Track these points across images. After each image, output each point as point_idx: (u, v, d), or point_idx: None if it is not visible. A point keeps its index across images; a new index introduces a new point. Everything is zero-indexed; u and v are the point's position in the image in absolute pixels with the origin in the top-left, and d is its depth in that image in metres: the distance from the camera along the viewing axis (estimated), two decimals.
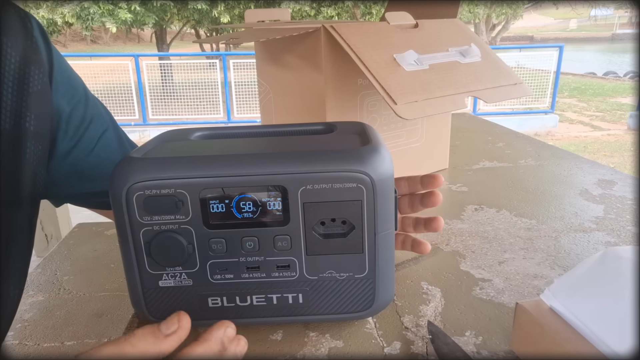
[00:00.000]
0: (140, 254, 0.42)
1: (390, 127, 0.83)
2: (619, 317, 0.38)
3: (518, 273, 0.57)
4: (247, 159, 0.41)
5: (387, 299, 0.46)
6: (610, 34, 29.42)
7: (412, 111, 0.65)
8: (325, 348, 0.45)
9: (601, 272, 0.41)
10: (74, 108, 0.49)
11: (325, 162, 0.40)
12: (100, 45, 19.29)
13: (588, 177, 0.89)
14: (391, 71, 0.68)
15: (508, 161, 0.99)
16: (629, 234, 0.66)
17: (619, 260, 0.40)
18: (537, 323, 0.40)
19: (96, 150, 0.52)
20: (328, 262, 0.43)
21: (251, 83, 6.62)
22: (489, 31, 11.51)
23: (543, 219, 0.71)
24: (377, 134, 0.47)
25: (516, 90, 0.80)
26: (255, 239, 0.42)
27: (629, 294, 0.39)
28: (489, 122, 1.36)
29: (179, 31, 11.41)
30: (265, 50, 0.85)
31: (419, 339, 0.46)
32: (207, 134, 0.51)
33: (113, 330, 0.49)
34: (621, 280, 0.40)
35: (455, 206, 0.77)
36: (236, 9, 7.76)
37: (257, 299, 0.44)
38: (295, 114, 0.82)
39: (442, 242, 0.65)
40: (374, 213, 0.41)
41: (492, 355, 0.43)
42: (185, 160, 0.41)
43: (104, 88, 6.77)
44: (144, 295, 0.44)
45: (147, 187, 0.40)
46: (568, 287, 0.41)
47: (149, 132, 6.31)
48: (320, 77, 0.73)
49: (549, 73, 6.77)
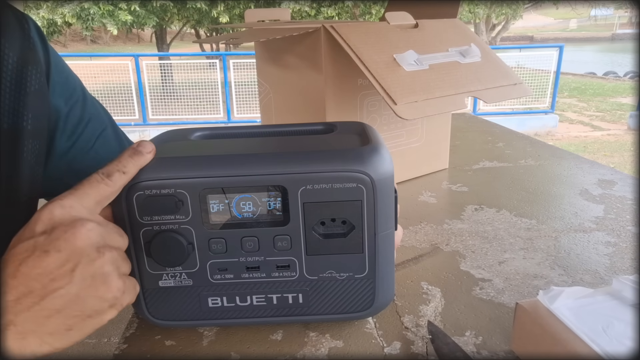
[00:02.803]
0: (140, 254, 0.42)
1: (390, 127, 0.83)
2: (617, 319, 0.38)
3: (518, 273, 0.57)
4: (247, 159, 0.41)
5: (387, 299, 0.46)
6: (610, 34, 29.42)
7: (412, 111, 0.65)
8: (325, 348, 0.45)
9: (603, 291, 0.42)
10: (71, 107, 0.50)
11: (325, 162, 0.40)
12: (100, 45, 19.29)
13: (588, 177, 0.89)
14: (391, 71, 0.68)
15: (508, 161, 0.99)
16: (629, 234, 0.66)
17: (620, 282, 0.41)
18: (537, 323, 0.40)
19: (94, 149, 0.52)
20: (328, 262, 0.43)
21: (251, 83, 6.61)
22: (489, 31, 11.51)
23: (543, 219, 0.71)
24: (377, 134, 0.47)
25: (516, 90, 0.80)
26: (255, 239, 0.42)
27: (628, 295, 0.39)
28: (489, 122, 1.36)
29: (179, 31, 11.41)
30: (265, 50, 0.85)
31: (419, 339, 0.46)
32: (207, 134, 0.51)
33: (113, 330, 0.49)
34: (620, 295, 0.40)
35: (455, 206, 0.77)
36: (236, 9, 7.74)
37: (257, 299, 0.44)
38: (295, 114, 0.82)
39: (442, 242, 0.65)
40: (374, 213, 0.41)
41: (492, 355, 0.43)
42: (185, 160, 0.41)
43: (104, 88, 6.76)
44: (144, 295, 0.44)
45: (147, 187, 0.40)
46: (565, 292, 0.41)
47: (149, 132, 6.30)
48: (320, 77, 0.73)
49: (549, 73, 6.77)
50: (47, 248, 0.32)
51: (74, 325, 0.34)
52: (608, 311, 0.39)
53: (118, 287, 0.35)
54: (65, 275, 0.33)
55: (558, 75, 6.71)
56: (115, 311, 0.36)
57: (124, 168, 0.38)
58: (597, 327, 0.37)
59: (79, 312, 0.34)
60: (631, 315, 0.38)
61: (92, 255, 0.34)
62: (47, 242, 0.33)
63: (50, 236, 0.33)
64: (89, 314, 0.34)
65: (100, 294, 0.34)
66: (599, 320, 0.38)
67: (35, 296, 0.32)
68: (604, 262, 0.59)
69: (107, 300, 0.35)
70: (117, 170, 0.38)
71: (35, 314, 0.32)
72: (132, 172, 0.39)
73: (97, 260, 0.34)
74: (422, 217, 0.73)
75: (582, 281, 0.55)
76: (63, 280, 0.33)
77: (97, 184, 0.37)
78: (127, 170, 0.38)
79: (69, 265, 0.33)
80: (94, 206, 0.37)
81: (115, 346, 0.46)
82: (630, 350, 0.35)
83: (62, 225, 0.33)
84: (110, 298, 0.35)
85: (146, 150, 0.40)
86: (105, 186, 0.37)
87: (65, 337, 0.34)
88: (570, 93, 9.29)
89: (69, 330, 0.34)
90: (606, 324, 0.37)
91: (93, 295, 0.34)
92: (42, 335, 0.33)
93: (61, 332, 0.33)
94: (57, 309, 0.33)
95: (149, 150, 0.40)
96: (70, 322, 0.33)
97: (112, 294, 0.35)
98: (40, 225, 0.34)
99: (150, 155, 0.40)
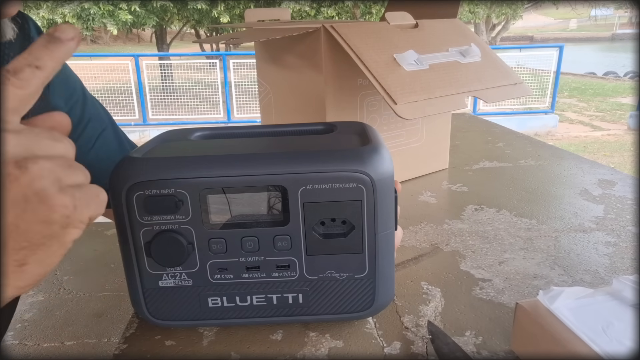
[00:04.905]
0: (140, 254, 0.42)
1: (390, 127, 0.83)
2: (617, 320, 0.38)
3: (518, 273, 0.57)
4: (247, 159, 0.41)
5: (387, 299, 0.46)
6: (610, 34, 29.43)
7: (412, 111, 0.65)
8: (325, 348, 0.45)
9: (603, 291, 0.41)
10: (71, 108, 0.50)
11: (325, 162, 0.40)
12: (100, 45, 19.29)
13: (588, 177, 0.89)
14: (391, 71, 0.68)
15: (508, 161, 0.99)
16: (629, 234, 0.66)
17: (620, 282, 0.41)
18: (537, 323, 0.40)
19: (94, 149, 0.52)
20: (328, 262, 0.43)
21: (251, 83, 6.61)
22: (489, 31, 11.51)
23: (543, 219, 0.71)
24: (377, 134, 0.47)
25: (516, 90, 0.80)
26: (255, 239, 0.42)
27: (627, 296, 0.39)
28: (489, 122, 1.36)
29: (179, 31, 11.41)
30: (265, 50, 0.85)
31: (419, 339, 0.46)
32: (207, 134, 0.51)
33: (113, 330, 0.49)
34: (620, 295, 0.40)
35: (455, 206, 0.77)
36: (236, 9, 7.74)
37: (257, 299, 0.44)
38: (295, 114, 0.82)
39: (442, 242, 0.65)
40: (374, 213, 0.41)
41: (492, 355, 0.43)
42: (185, 160, 0.41)
43: (104, 88, 6.76)
44: (144, 295, 0.44)
45: (147, 187, 0.40)
46: (565, 292, 0.41)
47: (149, 132, 6.30)
48: (320, 77, 0.73)
49: (549, 73, 6.77)
50: None
51: (26, 258, 0.28)
52: (608, 311, 0.39)
53: (63, 204, 0.28)
54: None
55: (558, 75, 6.72)
56: (75, 230, 0.29)
57: (37, 61, 0.29)
58: (597, 327, 0.37)
59: (26, 242, 0.28)
60: (631, 316, 0.38)
61: (14, 173, 0.27)
62: None
63: None
64: (39, 241, 0.28)
65: (41, 216, 0.28)
66: (598, 320, 0.38)
67: None
68: (604, 262, 0.59)
69: (56, 222, 0.28)
70: (28, 65, 0.29)
71: None
72: (50, 66, 0.30)
73: (22, 177, 0.27)
74: (422, 217, 0.73)
75: (582, 281, 0.55)
76: None
77: (4, 88, 0.28)
78: (42, 63, 0.29)
79: None
80: (10, 117, 0.28)
81: (115, 346, 0.46)
82: (630, 350, 0.35)
83: None
84: (58, 218, 0.28)
85: (66, 35, 0.29)
86: (14, 87, 0.28)
87: (24, 274, 0.28)
88: (570, 93, 9.29)
89: (24, 265, 0.28)
90: (606, 324, 0.37)
91: (33, 220, 0.27)
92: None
93: (16, 270, 0.28)
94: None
95: (70, 36, 0.30)
96: (19, 256, 0.28)
97: (57, 212, 0.28)
98: None
99: (73, 43, 0.30)
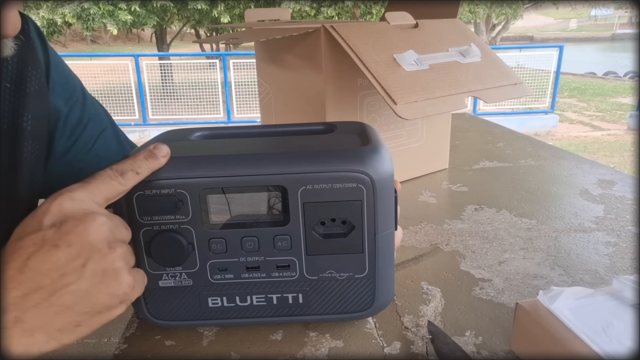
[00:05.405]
0: (140, 254, 0.42)
1: (390, 127, 0.83)
2: (617, 319, 0.38)
3: (518, 273, 0.57)
4: (247, 159, 0.41)
5: (387, 299, 0.46)
6: (610, 34, 29.41)
7: (412, 111, 0.65)
8: (325, 348, 0.45)
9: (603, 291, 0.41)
10: (71, 108, 0.50)
11: (325, 162, 0.40)
12: (100, 45, 19.28)
13: (588, 177, 0.89)
14: (391, 71, 0.68)
15: (508, 161, 0.99)
16: (629, 234, 0.66)
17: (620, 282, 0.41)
18: (537, 323, 0.40)
19: (94, 149, 0.52)
20: (328, 262, 0.43)
21: (251, 83, 6.61)
22: (489, 31, 11.50)
23: (543, 219, 0.71)
24: (377, 134, 0.47)
25: (516, 90, 0.80)
26: (255, 239, 0.42)
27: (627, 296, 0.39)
28: (489, 122, 1.36)
29: (179, 31, 11.41)
30: (265, 50, 0.85)
31: (419, 339, 0.46)
32: (207, 134, 0.51)
33: (113, 330, 0.49)
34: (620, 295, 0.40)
35: (455, 206, 0.77)
36: (236, 9, 7.74)
37: (257, 299, 0.44)
38: (295, 114, 0.82)
39: (442, 242, 0.65)
40: (374, 213, 0.41)
41: (492, 355, 0.43)
42: (185, 160, 0.41)
43: (104, 88, 6.76)
44: (144, 295, 0.44)
45: (147, 187, 0.40)
46: (565, 292, 0.41)
47: (149, 132, 6.30)
48: (320, 77, 0.73)
49: (549, 73, 6.77)
50: (57, 242, 0.32)
51: (83, 321, 0.33)
52: (608, 311, 0.39)
53: (129, 283, 0.35)
54: (75, 270, 0.32)
55: (558, 75, 6.71)
56: (124, 306, 0.35)
57: (138, 169, 0.38)
58: (597, 327, 0.37)
59: (89, 308, 0.33)
60: (631, 316, 0.38)
61: (104, 251, 0.33)
62: (57, 236, 0.32)
63: (60, 230, 0.32)
64: (99, 310, 0.34)
65: (111, 290, 0.34)
66: (599, 321, 0.38)
67: (45, 292, 0.31)
68: (604, 262, 0.59)
69: (118, 297, 0.34)
70: (131, 170, 0.37)
71: (44, 310, 0.31)
72: (145, 174, 0.38)
73: (109, 255, 0.33)
74: (422, 217, 0.73)
75: (582, 281, 0.55)
76: (73, 276, 0.32)
77: (110, 180, 0.36)
78: (141, 171, 0.38)
79: (79, 261, 0.32)
80: (103, 202, 0.36)
81: (115, 346, 0.46)
82: (630, 350, 0.35)
83: (73, 219, 0.33)
84: (121, 294, 0.34)
85: (161, 153, 0.39)
86: (117, 184, 0.36)
87: (73, 333, 0.33)
88: (570, 93, 9.29)
89: (78, 326, 0.33)
90: (606, 324, 0.37)
91: (104, 291, 0.33)
92: (51, 331, 0.32)
93: (70, 329, 0.33)
94: (67, 305, 0.32)
95: (164, 154, 0.39)
96: (79, 319, 0.33)
97: (123, 289, 0.34)
98: (49, 217, 0.33)
99: (165, 159, 0.39)
